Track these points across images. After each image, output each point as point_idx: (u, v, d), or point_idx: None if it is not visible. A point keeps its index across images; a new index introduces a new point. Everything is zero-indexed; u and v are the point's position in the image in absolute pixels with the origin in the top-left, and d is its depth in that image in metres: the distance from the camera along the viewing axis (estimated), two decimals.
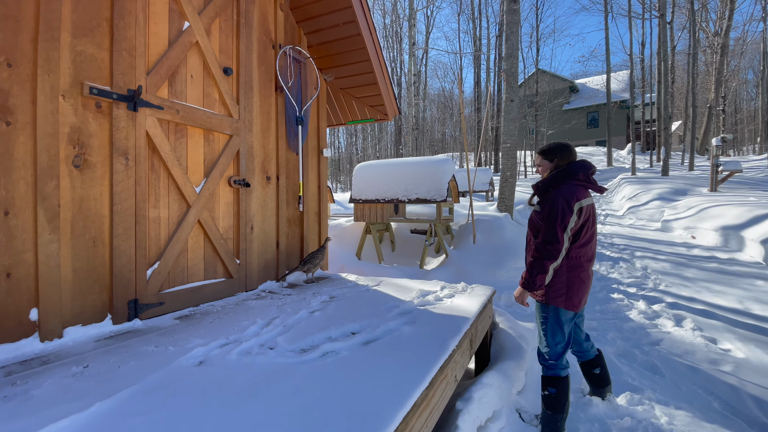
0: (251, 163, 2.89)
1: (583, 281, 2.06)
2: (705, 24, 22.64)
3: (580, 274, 2.04)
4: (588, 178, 2.06)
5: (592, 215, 2.07)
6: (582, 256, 2.05)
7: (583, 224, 2.01)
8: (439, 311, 2.26)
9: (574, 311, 2.08)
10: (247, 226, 2.84)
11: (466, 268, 4.73)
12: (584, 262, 2.06)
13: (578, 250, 2.04)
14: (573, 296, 2.04)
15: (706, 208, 8.26)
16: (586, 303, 2.17)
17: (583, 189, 2.03)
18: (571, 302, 2.05)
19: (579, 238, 2.03)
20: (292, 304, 2.46)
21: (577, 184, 2.03)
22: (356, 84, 3.72)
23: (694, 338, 3.55)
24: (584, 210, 2.00)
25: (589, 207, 2.03)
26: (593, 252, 2.12)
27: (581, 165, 2.08)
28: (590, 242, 2.08)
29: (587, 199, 2.03)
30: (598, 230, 8.93)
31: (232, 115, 2.74)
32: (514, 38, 5.91)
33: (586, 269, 2.07)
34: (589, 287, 2.13)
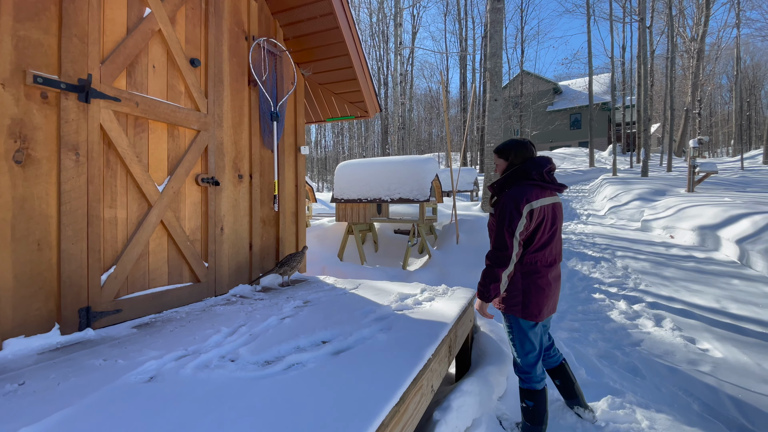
0: (221, 160, 2.73)
1: (541, 288, 1.91)
2: (682, 29, 23.30)
3: (537, 280, 1.90)
4: (542, 176, 1.90)
5: (548, 216, 1.91)
6: (539, 261, 1.91)
7: (537, 227, 1.88)
8: (417, 316, 2.16)
9: (534, 321, 1.93)
10: (216, 227, 2.69)
11: (449, 269, 4.66)
12: (541, 267, 1.91)
13: (533, 255, 1.90)
14: (530, 305, 1.91)
15: (684, 209, 8.42)
16: (553, 311, 2.03)
17: (537, 189, 1.89)
18: (528, 311, 1.91)
19: (533, 243, 1.89)
20: (263, 310, 2.32)
21: (531, 185, 1.89)
22: (335, 79, 3.59)
23: (674, 338, 3.55)
24: (536, 212, 1.84)
25: (543, 208, 1.88)
26: (554, 257, 1.96)
27: (535, 163, 1.93)
28: (548, 246, 1.93)
29: (542, 200, 1.87)
30: (581, 230, 9.00)
31: (199, 109, 2.58)
32: (498, 37, 5.87)
33: (544, 275, 1.92)
34: (552, 294, 1.96)
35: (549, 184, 1.93)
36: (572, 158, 27.09)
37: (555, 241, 1.98)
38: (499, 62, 5.95)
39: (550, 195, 1.95)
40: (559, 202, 2.03)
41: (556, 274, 2.02)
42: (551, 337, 2.27)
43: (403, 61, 24.91)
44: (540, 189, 1.91)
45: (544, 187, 1.91)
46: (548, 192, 1.95)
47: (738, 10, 19.83)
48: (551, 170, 1.98)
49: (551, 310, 2.02)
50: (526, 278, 1.93)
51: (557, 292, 2.05)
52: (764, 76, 34.36)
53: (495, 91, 6.02)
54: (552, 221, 1.95)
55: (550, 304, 1.98)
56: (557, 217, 1.99)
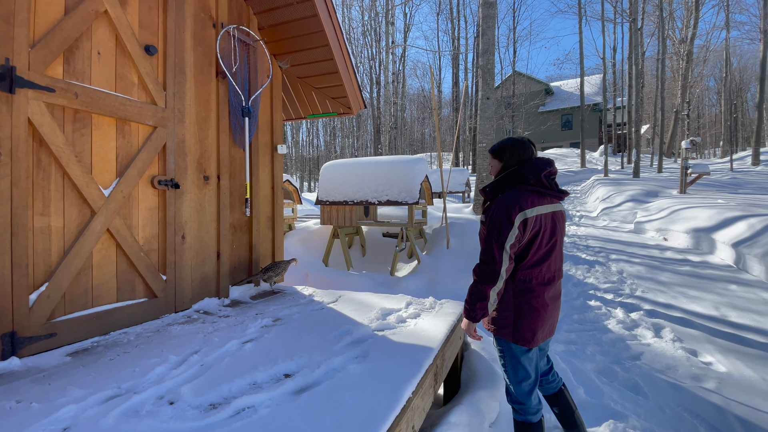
0: (182, 160, 2.44)
1: (536, 310, 1.66)
2: (672, 32, 23.44)
3: (531, 300, 1.66)
4: (540, 181, 1.65)
5: (546, 227, 1.65)
6: (534, 278, 1.66)
7: (532, 239, 1.63)
8: (399, 338, 1.90)
9: (527, 347, 1.68)
10: (176, 234, 2.40)
11: (438, 276, 4.42)
12: (536, 286, 1.66)
13: (527, 271, 1.66)
14: (522, 328, 1.66)
15: (677, 210, 8.31)
16: (550, 334, 1.78)
17: (534, 196, 1.64)
18: (521, 335, 1.67)
19: (527, 257, 1.65)
20: (225, 331, 2.05)
21: (526, 190, 1.64)
22: (315, 72, 3.32)
23: (675, 350, 3.36)
24: (531, 222, 1.59)
25: (540, 218, 1.63)
26: (553, 273, 1.71)
27: (533, 165, 1.68)
28: (545, 261, 1.67)
29: (538, 208, 1.62)
30: (574, 232, 8.83)
31: (156, 102, 2.29)
32: (491, 33, 5.65)
33: (540, 295, 1.66)
34: (548, 317, 1.70)
35: (548, 189, 1.66)
36: (564, 159, 27.14)
37: (554, 256, 1.72)
38: (491, 59, 5.72)
39: (549, 202, 1.68)
40: (561, 210, 1.78)
41: (554, 294, 1.76)
42: (549, 361, 2.03)
43: (395, 60, 24.67)
44: (537, 195, 1.65)
45: (543, 193, 1.66)
46: (547, 199, 1.68)
47: (727, 12, 19.97)
48: (552, 174, 1.71)
49: (548, 333, 1.77)
50: (518, 297, 1.68)
51: (556, 314, 1.80)
52: (751, 79, 34.86)
53: (487, 90, 5.79)
54: (551, 233, 1.69)
55: (546, 327, 1.73)
56: (557, 228, 1.73)
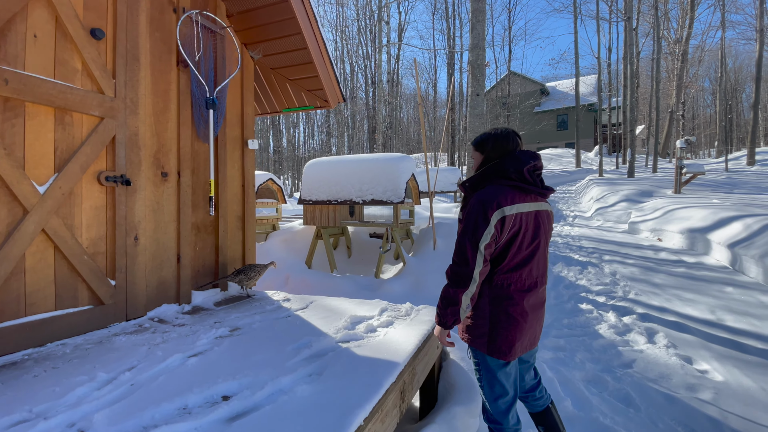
0: (135, 154, 2.24)
1: (513, 319, 1.49)
2: (667, 32, 23.43)
3: (508, 308, 1.49)
4: (523, 176, 1.49)
5: (528, 227, 1.49)
6: (513, 284, 1.49)
7: (510, 240, 1.47)
8: (363, 351, 1.71)
9: (504, 360, 1.51)
10: (128, 236, 2.20)
11: (424, 278, 4.24)
12: (515, 292, 1.49)
13: (506, 276, 1.49)
14: (498, 338, 1.49)
15: (672, 210, 8.18)
16: (532, 346, 1.60)
17: (515, 192, 1.48)
18: (496, 347, 1.49)
19: (504, 259, 1.48)
20: (172, 342, 1.85)
21: (507, 185, 1.49)
22: (289, 63, 3.13)
23: (669, 357, 3.19)
24: (510, 220, 1.43)
25: (521, 217, 1.46)
26: (535, 279, 1.54)
27: (514, 158, 1.52)
28: (526, 265, 1.51)
29: (519, 206, 1.46)
30: (567, 232, 8.68)
31: (103, 91, 2.09)
32: (480, 27, 5.48)
33: (519, 303, 1.49)
34: (529, 327, 1.54)
35: (531, 185, 1.50)
36: (559, 159, 27.09)
37: (536, 260, 1.53)
38: (481, 54, 5.56)
39: (533, 200, 1.51)
40: (546, 210, 1.58)
41: (536, 301, 1.57)
42: (537, 374, 1.84)
43: (390, 59, 24.50)
44: (520, 192, 1.49)
45: (525, 189, 1.50)
46: (531, 197, 1.51)
47: (723, 11, 19.95)
48: (536, 169, 1.54)
49: (529, 345, 1.59)
50: (494, 304, 1.50)
51: (538, 324, 1.61)
52: (746, 80, 34.99)
53: (477, 86, 5.63)
54: (533, 234, 1.51)
55: (525, 338, 1.55)
56: (541, 228, 1.54)
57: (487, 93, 31.09)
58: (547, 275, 1.63)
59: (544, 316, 1.64)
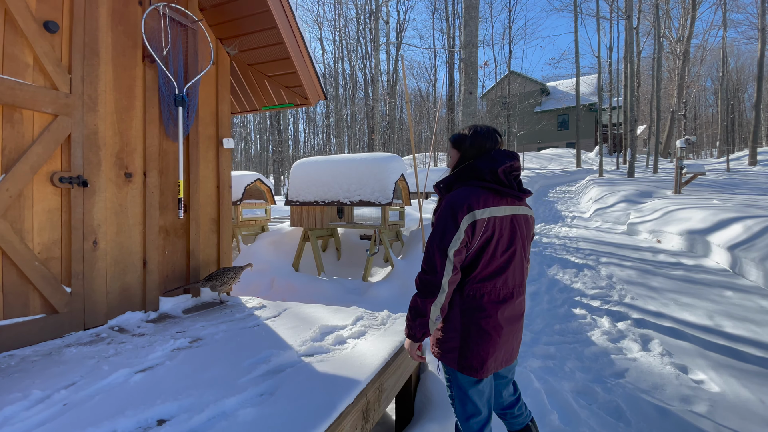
0: (95, 154, 2.12)
1: (486, 333, 1.36)
2: (668, 31, 23.24)
3: (480, 321, 1.36)
4: (497, 177, 1.37)
5: (503, 233, 1.37)
6: (486, 294, 1.37)
7: (482, 246, 1.35)
8: (325, 367, 1.59)
9: (475, 377, 1.39)
10: (86, 240, 2.08)
11: (412, 282, 4.11)
12: (488, 304, 1.37)
13: (478, 285, 1.37)
14: (470, 354, 1.37)
15: (671, 211, 8.04)
16: (509, 362, 1.47)
17: (489, 194, 1.36)
18: (468, 363, 1.37)
19: (476, 268, 1.36)
20: (126, 355, 1.73)
21: (480, 187, 1.37)
22: (266, 59, 3.00)
23: (663, 366, 3.06)
24: (482, 225, 1.32)
25: (495, 221, 1.34)
26: (511, 289, 1.41)
27: (489, 158, 1.40)
28: (501, 275, 1.38)
29: (492, 209, 1.34)
30: (565, 233, 8.52)
31: (57, 87, 1.97)
32: (473, 24, 5.35)
33: (493, 315, 1.37)
34: (504, 342, 1.41)
35: (507, 188, 1.37)
36: (559, 159, 26.94)
37: (512, 269, 1.40)
38: (474, 51, 5.43)
39: (508, 204, 1.39)
40: (525, 214, 1.46)
41: (512, 314, 1.44)
42: (517, 390, 1.71)
43: (390, 59, 24.37)
44: (493, 194, 1.37)
45: (501, 192, 1.37)
46: (507, 200, 1.39)
47: (725, 10, 19.76)
48: (512, 170, 1.41)
49: (505, 360, 1.45)
50: (466, 316, 1.37)
51: (515, 338, 1.48)
52: (748, 79, 34.74)
53: (470, 84, 5.50)
54: (509, 240, 1.39)
55: (500, 354, 1.41)
56: (518, 234, 1.41)
57: (488, 93, 30.92)
58: (524, 285, 1.49)
59: (523, 328, 1.51)
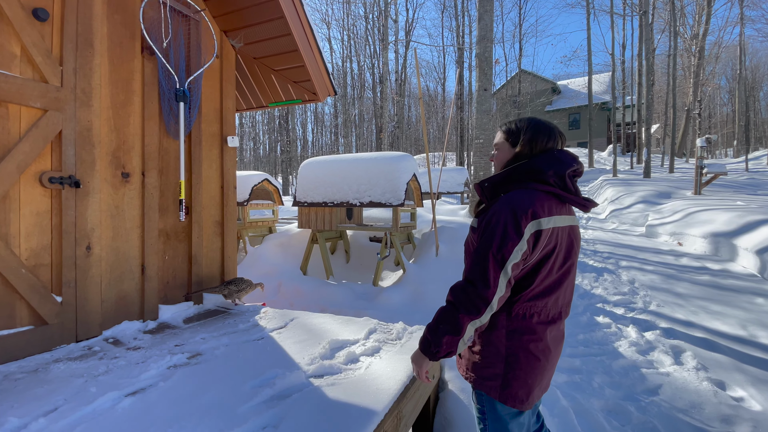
0: (88, 152, 1.97)
1: (535, 358, 1.18)
2: (683, 28, 22.66)
3: (529, 344, 1.17)
4: (563, 182, 1.18)
5: (562, 246, 1.18)
6: (536, 314, 1.18)
7: (541, 260, 1.15)
8: (337, 393, 1.40)
9: (519, 409, 1.20)
10: (78, 245, 1.92)
11: (424, 287, 3.92)
12: (538, 325, 1.18)
13: (529, 304, 1.17)
14: (514, 382, 1.18)
15: (693, 213, 7.72)
16: (546, 389, 1.28)
17: (553, 201, 1.16)
18: (512, 392, 1.18)
19: (532, 284, 1.16)
20: (115, 373, 1.57)
21: (543, 191, 1.16)
22: (273, 51, 2.83)
23: (699, 382, 2.82)
24: (545, 235, 1.12)
25: (557, 232, 1.15)
26: (560, 310, 1.22)
27: (555, 158, 1.19)
28: (554, 293, 1.19)
29: (556, 218, 1.15)
30: (581, 235, 8.26)
31: (47, 80, 1.82)
32: (488, 18, 5.14)
33: (542, 337, 1.18)
34: (550, 367, 1.23)
35: (572, 195, 1.19)
36: None
37: (565, 287, 1.21)
38: (489, 47, 5.21)
39: (568, 213, 1.21)
40: (576, 224, 1.28)
41: (558, 335, 1.26)
42: (540, 418, 1.52)
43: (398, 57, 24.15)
44: (557, 201, 1.17)
45: (564, 199, 1.18)
46: (567, 208, 1.21)
47: (741, 7, 19.17)
48: (577, 174, 1.23)
49: (545, 388, 1.27)
50: (513, 339, 1.18)
51: (556, 361, 1.29)
52: (763, 78, 33.79)
53: (485, 80, 5.29)
54: (566, 254, 1.19)
55: (545, 381, 1.24)
56: (574, 248, 1.23)
57: (498, 91, 30.53)
58: (570, 305, 1.27)
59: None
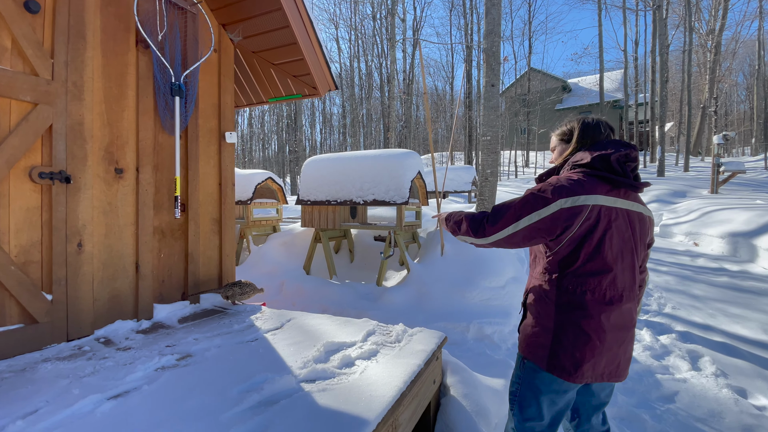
0: (80, 147, 1.92)
1: (585, 334, 1.18)
2: (698, 23, 22.09)
3: (580, 321, 1.19)
4: (609, 165, 1.22)
5: (614, 227, 1.20)
6: (588, 291, 1.19)
7: (584, 235, 1.18)
8: (327, 399, 1.32)
9: (567, 380, 1.20)
10: (69, 242, 1.88)
11: (429, 288, 3.82)
12: (591, 302, 1.18)
13: (579, 279, 1.20)
14: (562, 354, 1.20)
15: (709, 212, 7.47)
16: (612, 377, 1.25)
17: (598, 182, 1.22)
18: (559, 363, 1.20)
19: (577, 259, 1.20)
20: (102, 374, 1.51)
21: (589, 174, 1.23)
22: (271, 45, 2.77)
23: (719, 389, 2.68)
24: (584, 210, 1.17)
25: (600, 209, 1.18)
26: (620, 292, 1.21)
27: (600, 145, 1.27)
28: (609, 273, 1.19)
29: (599, 197, 1.19)
30: None
31: (37, 73, 1.78)
32: (496, 11, 5.01)
33: (595, 317, 1.17)
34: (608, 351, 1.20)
35: (621, 177, 1.22)
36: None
37: (621, 268, 1.21)
38: (497, 41, 5.09)
39: (623, 197, 1.24)
40: (641, 212, 1.28)
41: (620, 321, 1.21)
42: (606, 422, 1.46)
43: (405, 56, 24.03)
44: (604, 183, 1.23)
45: (613, 182, 1.23)
46: (621, 192, 1.24)
47: (761, 0, 18.59)
48: (628, 159, 1.26)
49: (608, 374, 1.23)
50: (562, 313, 1.21)
51: (621, 350, 1.24)
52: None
53: (493, 76, 5.16)
54: (621, 237, 1.21)
55: (600, 361, 1.20)
56: (631, 230, 1.24)
57: (507, 90, 30.17)
58: (636, 291, 1.26)
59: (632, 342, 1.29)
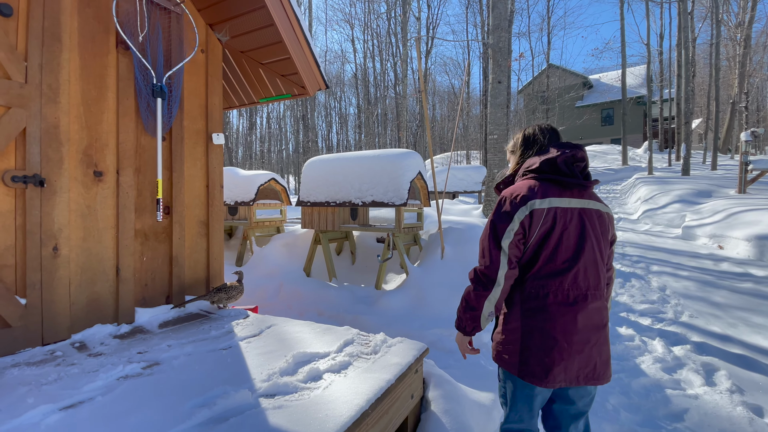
0: (55, 150, 1.91)
1: (551, 338, 1.20)
2: (726, 15, 20.99)
3: (545, 324, 1.22)
4: (556, 168, 1.26)
5: (570, 225, 1.23)
6: (550, 293, 1.22)
7: (542, 239, 1.23)
8: (280, 418, 1.24)
9: (539, 386, 1.23)
10: (44, 246, 1.87)
11: (427, 291, 3.70)
12: (553, 305, 1.21)
13: (540, 282, 1.24)
14: (531, 360, 1.23)
15: (735, 213, 7.05)
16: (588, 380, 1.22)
17: (549, 185, 1.26)
18: (528, 369, 1.24)
19: (537, 261, 1.24)
20: (63, 382, 1.48)
21: (539, 179, 1.28)
22: (258, 44, 2.71)
23: (733, 406, 2.48)
24: (539, 215, 1.22)
25: (555, 212, 1.22)
26: (583, 291, 1.22)
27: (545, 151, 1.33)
28: (568, 273, 1.22)
29: (553, 200, 1.23)
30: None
31: (10, 76, 1.77)
32: (502, 6, 4.83)
33: (558, 318, 1.20)
34: (578, 352, 1.20)
35: (569, 177, 1.26)
36: (603, 156, 25.21)
37: (581, 267, 1.23)
38: (504, 36, 4.90)
39: (575, 196, 1.27)
40: (597, 209, 1.30)
41: (589, 322, 1.22)
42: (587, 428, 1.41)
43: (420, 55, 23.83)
44: (555, 186, 1.27)
45: (563, 183, 1.27)
46: (573, 192, 1.27)
47: None
48: (574, 160, 1.28)
49: (583, 377, 1.21)
50: (527, 317, 1.25)
51: (594, 351, 1.23)
52: None
53: (500, 72, 4.98)
54: (577, 235, 1.24)
55: (572, 365, 1.20)
56: (588, 229, 1.26)
57: (525, 87, 29.49)
58: (602, 289, 1.28)
59: (607, 342, 1.27)
